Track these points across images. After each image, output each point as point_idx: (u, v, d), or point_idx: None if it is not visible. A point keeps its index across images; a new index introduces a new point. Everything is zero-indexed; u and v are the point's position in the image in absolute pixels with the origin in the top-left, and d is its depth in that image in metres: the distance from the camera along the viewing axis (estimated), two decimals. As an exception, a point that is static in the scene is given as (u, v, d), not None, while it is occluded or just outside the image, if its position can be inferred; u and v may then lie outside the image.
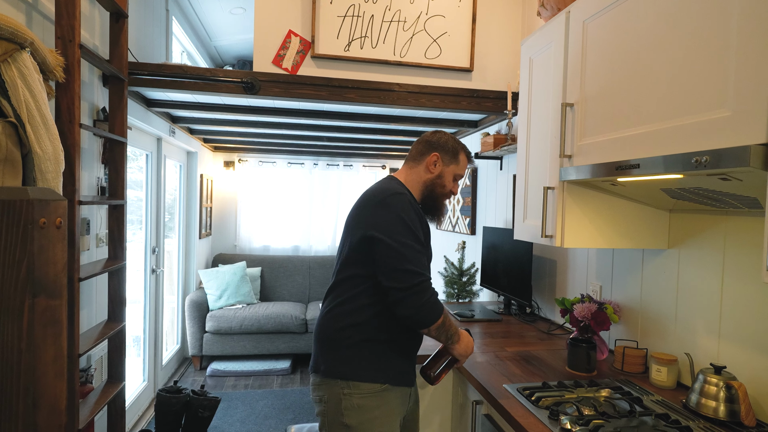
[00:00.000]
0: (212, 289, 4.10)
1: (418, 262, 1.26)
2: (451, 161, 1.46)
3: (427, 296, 1.26)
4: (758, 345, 1.25)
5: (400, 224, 1.27)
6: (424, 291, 1.25)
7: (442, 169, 1.45)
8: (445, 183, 1.46)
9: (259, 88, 2.32)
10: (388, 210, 1.29)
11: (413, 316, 1.25)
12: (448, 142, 1.47)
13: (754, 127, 0.86)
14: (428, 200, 1.46)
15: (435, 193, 1.45)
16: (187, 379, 3.78)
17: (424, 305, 1.25)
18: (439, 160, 1.45)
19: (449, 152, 1.46)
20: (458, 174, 1.49)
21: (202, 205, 4.28)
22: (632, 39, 1.20)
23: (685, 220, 1.50)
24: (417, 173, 1.45)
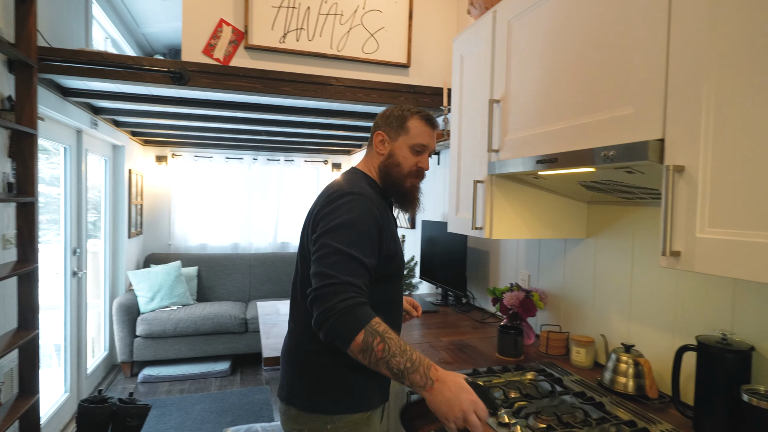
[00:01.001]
0: (143, 291, 3.87)
1: (335, 266, 1.02)
2: (399, 133, 1.23)
3: (335, 301, 0.98)
4: (660, 324, 1.37)
5: (341, 227, 1.07)
6: (332, 295, 0.99)
7: (392, 147, 1.24)
8: (399, 161, 1.23)
9: (188, 78, 2.21)
10: (331, 212, 1.10)
11: (322, 324, 0.99)
12: (392, 114, 1.26)
13: (652, 124, 0.94)
14: (389, 186, 1.26)
15: (392, 176, 1.24)
16: (116, 388, 3.55)
17: (331, 312, 0.97)
18: (385, 137, 1.25)
19: (393, 124, 1.24)
20: (415, 144, 1.23)
21: (131, 203, 4.03)
22: (551, 39, 1.26)
23: (601, 211, 1.61)
24: (371, 159, 1.28)
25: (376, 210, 1.13)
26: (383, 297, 1.19)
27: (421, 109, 1.27)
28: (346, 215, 1.08)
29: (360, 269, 1.04)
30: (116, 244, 3.89)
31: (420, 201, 1.33)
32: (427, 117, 1.25)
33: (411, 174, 1.25)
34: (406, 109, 1.26)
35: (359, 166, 1.31)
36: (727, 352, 1.08)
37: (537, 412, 1.20)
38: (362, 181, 1.22)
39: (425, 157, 1.27)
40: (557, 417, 1.16)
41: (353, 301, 0.99)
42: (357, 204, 1.11)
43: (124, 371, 3.77)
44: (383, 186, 1.26)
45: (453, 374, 1.01)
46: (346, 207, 1.10)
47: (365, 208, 1.11)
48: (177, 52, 4.26)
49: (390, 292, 1.23)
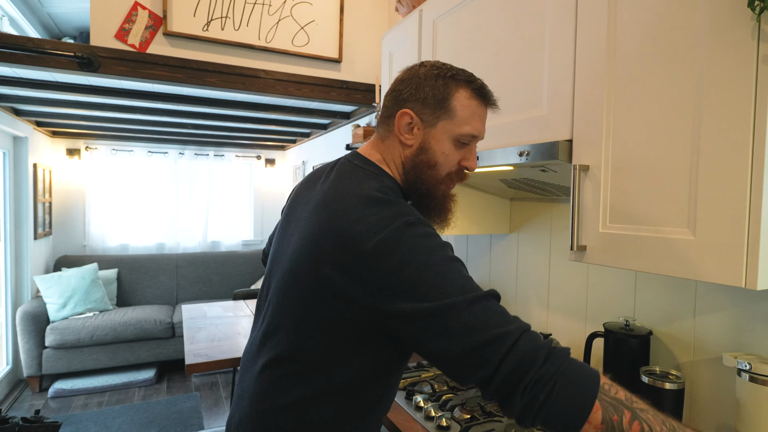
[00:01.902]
0: (53, 298, 3.53)
1: (489, 311, 0.64)
2: (439, 115, 0.80)
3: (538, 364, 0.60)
4: (574, 313, 1.46)
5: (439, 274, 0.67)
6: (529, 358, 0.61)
7: (424, 135, 0.81)
8: (436, 159, 0.82)
9: (98, 65, 2.03)
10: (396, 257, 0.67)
11: (532, 417, 0.60)
12: (426, 83, 0.80)
13: (562, 125, 0.99)
14: (415, 191, 0.85)
15: (423, 179, 0.83)
16: (21, 405, 3.21)
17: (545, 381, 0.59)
18: (416, 120, 0.81)
19: (431, 100, 0.80)
20: (463, 134, 0.81)
21: (37, 200, 3.65)
22: (472, 40, 1.29)
23: (522, 207, 1.68)
24: (392, 147, 0.85)
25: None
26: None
27: (471, 74, 0.83)
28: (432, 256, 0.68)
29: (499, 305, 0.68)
30: (19, 246, 3.51)
31: (453, 212, 0.91)
32: (482, 90, 0.83)
33: (450, 177, 0.85)
34: (448, 71, 0.81)
35: (372, 156, 0.86)
36: (630, 337, 1.18)
37: (462, 403, 1.23)
38: (392, 192, 0.79)
39: (473, 151, 0.85)
40: (481, 407, 1.20)
41: (555, 353, 0.61)
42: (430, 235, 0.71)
43: (32, 386, 3.42)
44: (406, 187, 0.86)
45: None
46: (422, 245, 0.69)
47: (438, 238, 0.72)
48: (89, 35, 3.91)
49: None
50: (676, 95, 0.78)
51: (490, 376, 0.62)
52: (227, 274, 4.56)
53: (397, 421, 1.15)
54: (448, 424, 1.11)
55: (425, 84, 0.81)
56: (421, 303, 0.65)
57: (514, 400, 0.61)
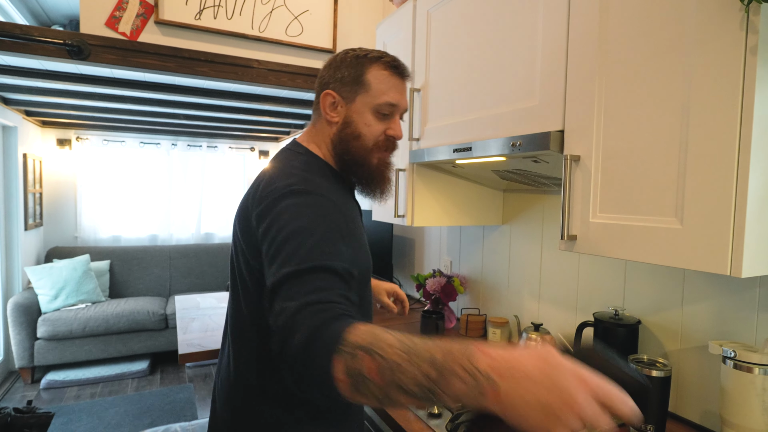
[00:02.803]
0: (45, 289, 3.51)
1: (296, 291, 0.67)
2: (356, 90, 0.88)
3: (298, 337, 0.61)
4: (564, 303, 1.48)
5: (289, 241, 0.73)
6: (292, 328, 0.63)
7: (347, 111, 0.90)
8: (360, 131, 0.90)
9: (88, 53, 2.00)
10: (273, 216, 0.77)
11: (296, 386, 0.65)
12: (343, 64, 0.90)
13: (554, 116, 1.00)
14: (349, 166, 0.92)
15: (351, 152, 0.90)
16: (13, 396, 3.20)
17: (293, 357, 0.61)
18: (337, 97, 0.89)
19: (348, 80, 0.89)
20: (381, 104, 0.89)
21: (27, 191, 3.61)
22: (466, 31, 1.29)
23: (515, 198, 1.69)
24: (321, 130, 0.93)
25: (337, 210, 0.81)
26: None
27: (383, 52, 0.92)
28: (295, 223, 0.74)
29: (329, 278, 0.70)
30: (10, 237, 3.48)
31: (392, 180, 0.99)
32: (393, 63, 0.91)
33: (378, 146, 0.92)
34: (359, 55, 0.90)
35: (302, 140, 0.96)
36: (618, 327, 1.19)
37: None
38: (308, 167, 0.89)
39: (396, 121, 0.93)
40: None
41: (312, 323, 0.62)
42: (308, 205, 0.78)
43: (24, 378, 3.41)
44: (340, 167, 0.93)
45: (528, 351, 0.51)
46: (292, 213, 0.76)
47: (322, 209, 0.78)
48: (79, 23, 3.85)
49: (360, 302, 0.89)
50: (666, 86, 0.78)
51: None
52: (220, 266, 4.55)
53: (397, 417, 1.16)
54: (439, 411, 1.12)
55: (342, 66, 0.90)
56: (270, 266, 0.73)
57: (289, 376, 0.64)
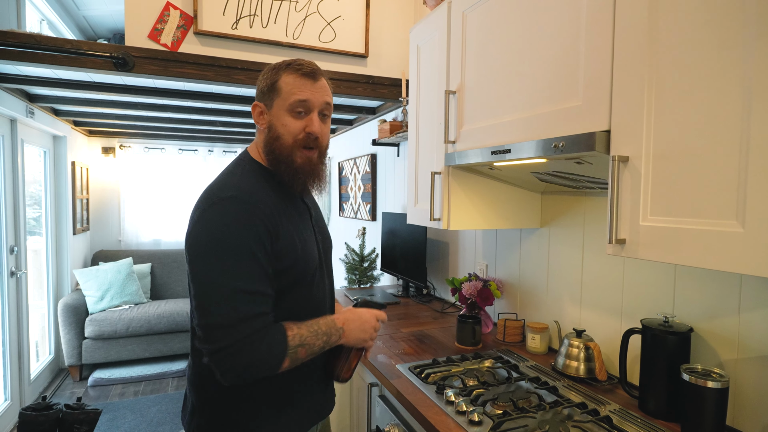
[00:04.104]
0: (92, 291, 3.67)
1: (230, 307, 0.87)
2: (273, 96, 1.01)
3: (243, 360, 0.86)
4: (608, 308, 1.42)
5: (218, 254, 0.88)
6: (239, 352, 0.86)
7: (269, 117, 1.02)
8: (279, 131, 1.00)
9: (132, 64, 2.08)
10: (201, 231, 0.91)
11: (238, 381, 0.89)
12: (263, 76, 1.04)
13: (599, 116, 0.96)
14: (278, 166, 1.02)
15: (276, 152, 1.01)
16: (63, 393, 3.36)
17: (250, 367, 0.88)
18: (263, 107, 1.03)
19: (266, 90, 1.02)
20: (292, 103, 0.99)
21: (75, 197, 3.80)
22: (503, 31, 1.27)
23: (554, 201, 1.65)
24: (258, 139, 1.07)
25: (259, 213, 0.92)
26: (292, 305, 1.01)
27: (294, 60, 1.03)
28: (215, 233, 0.89)
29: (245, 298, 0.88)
30: (60, 241, 3.67)
31: (323, 176, 1.09)
32: (298, 66, 1.00)
33: (298, 144, 1.00)
34: (275, 65, 1.03)
35: (249, 149, 1.09)
36: (669, 334, 1.14)
37: (494, 398, 1.22)
38: (246, 174, 1.00)
39: (313, 118, 1.01)
40: (513, 402, 1.19)
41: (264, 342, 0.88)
42: (227, 214, 0.90)
43: (72, 375, 3.57)
44: (273, 168, 1.03)
45: (346, 311, 1.08)
46: (214, 221, 0.89)
47: (240, 218, 0.90)
48: (123, 37, 4.02)
49: (301, 298, 1.03)
50: (724, 80, 0.74)
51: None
52: (255, 268, 4.64)
53: (428, 415, 1.15)
54: (480, 419, 1.10)
55: (262, 79, 1.04)
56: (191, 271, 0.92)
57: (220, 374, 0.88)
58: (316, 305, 1.08)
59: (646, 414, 1.16)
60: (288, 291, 0.99)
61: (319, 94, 1.02)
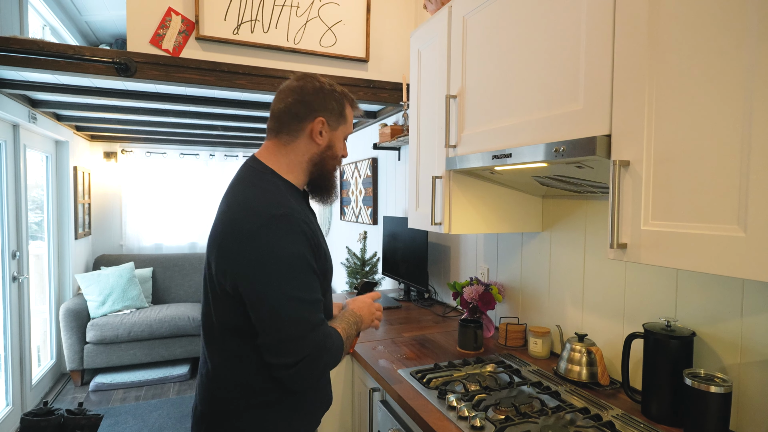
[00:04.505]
0: (93, 295, 3.68)
1: (302, 319, 0.93)
2: (339, 121, 1.09)
3: (321, 364, 0.96)
4: (610, 313, 1.42)
5: (282, 270, 0.92)
6: (313, 361, 0.94)
7: (331, 136, 1.08)
8: (336, 153, 1.11)
9: (135, 70, 2.09)
10: (261, 249, 0.92)
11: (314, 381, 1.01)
12: (329, 97, 1.06)
13: (600, 120, 0.96)
14: (319, 180, 1.11)
15: (326, 168, 1.10)
16: (65, 398, 3.36)
17: (323, 370, 0.98)
18: (326, 125, 1.06)
19: (335, 111, 1.07)
20: (348, 133, 1.14)
21: (77, 202, 3.80)
22: (504, 35, 1.27)
23: (555, 205, 1.65)
24: (295, 150, 1.06)
25: (306, 228, 0.97)
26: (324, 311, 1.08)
27: (345, 91, 1.12)
28: (276, 249, 0.92)
29: (315, 308, 0.97)
30: (62, 245, 3.67)
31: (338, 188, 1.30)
32: (353, 102, 1.14)
33: (340, 163, 1.16)
34: (338, 92, 1.09)
35: (263, 157, 1.06)
36: (671, 339, 1.13)
37: (496, 403, 1.21)
38: (279, 189, 1.01)
39: (345, 144, 1.17)
40: (515, 407, 1.18)
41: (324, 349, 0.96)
42: (283, 231, 0.93)
43: (74, 380, 3.57)
44: (309, 180, 1.11)
45: (354, 301, 1.19)
46: (273, 238, 0.92)
47: (296, 234, 0.94)
48: (124, 42, 4.04)
49: (327, 303, 1.11)
50: (725, 85, 0.74)
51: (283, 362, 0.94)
52: (256, 272, 4.63)
53: (430, 421, 1.14)
54: (482, 425, 1.10)
55: (329, 98, 1.07)
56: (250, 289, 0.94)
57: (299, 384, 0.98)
58: (330, 307, 1.18)
59: (648, 419, 1.16)
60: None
61: None
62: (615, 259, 0.93)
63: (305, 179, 1.10)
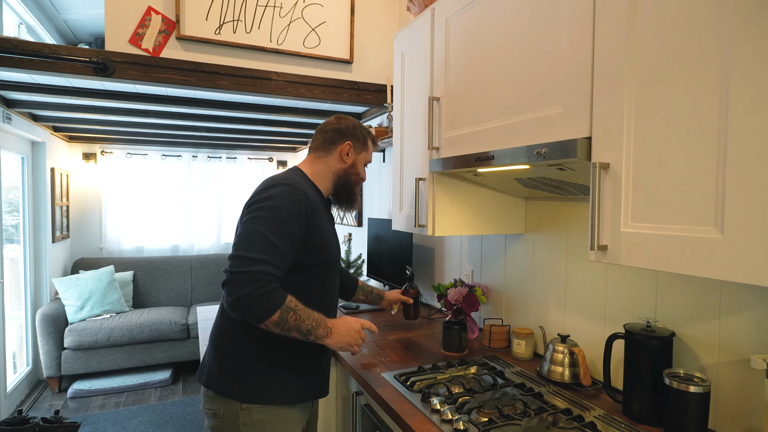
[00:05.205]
0: (71, 300, 3.59)
1: (262, 251, 1.13)
2: (362, 149, 1.45)
3: (254, 287, 1.10)
4: (592, 313, 1.43)
5: (266, 213, 1.18)
6: (252, 280, 1.11)
7: (355, 158, 1.42)
8: (358, 171, 1.44)
9: (113, 69, 2.05)
10: (261, 200, 1.22)
11: (236, 307, 1.11)
12: (358, 130, 1.44)
13: (580, 123, 0.97)
14: (342, 190, 1.42)
15: (349, 182, 1.43)
16: (42, 405, 3.27)
17: (249, 298, 1.10)
18: (352, 149, 1.41)
19: (360, 140, 1.43)
20: (368, 161, 1.49)
21: (55, 204, 3.71)
22: (486, 38, 1.27)
23: (538, 206, 1.66)
24: (326, 163, 1.40)
25: (304, 200, 1.23)
26: (309, 284, 1.31)
27: (370, 131, 1.52)
28: (271, 202, 1.19)
29: (277, 255, 1.16)
30: (38, 249, 3.58)
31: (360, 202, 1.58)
32: (375, 140, 1.52)
33: (360, 182, 1.48)
34: (365, 129, 1.46)
35: (302, 166, 1.40)
36: (651, 339, 1.15)
37: (479, 406, 1.21)
38: (301, 177, 1.33)
39: (365, 170, 1.52)
40: (498, 410, 1.18)
41: (269, 287, 1.13)
42: (285, 193, 1.22)
43: (51, 387, 3.48)
44: (333, 190, 1.43)
45: (338, 318, 1.30)
46: (274, 196, 1.21)
47: (292, 198, 1.22)
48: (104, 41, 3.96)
49: (317, 280, 1.34)
50: (702, 87, 0.75)
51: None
52: (241, 275, 4.58)
53: (413, 425, 1.13)
54: (465, 427, 1.09)
55: (358, 130, 1.44)
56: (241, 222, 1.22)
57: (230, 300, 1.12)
58: (329, 296, 1.39)
59: (630, 419, 1.17)
60: (311, 268, 1.29)
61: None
62: (596, 261, 0.94)
63: (330, 187, 1.42)
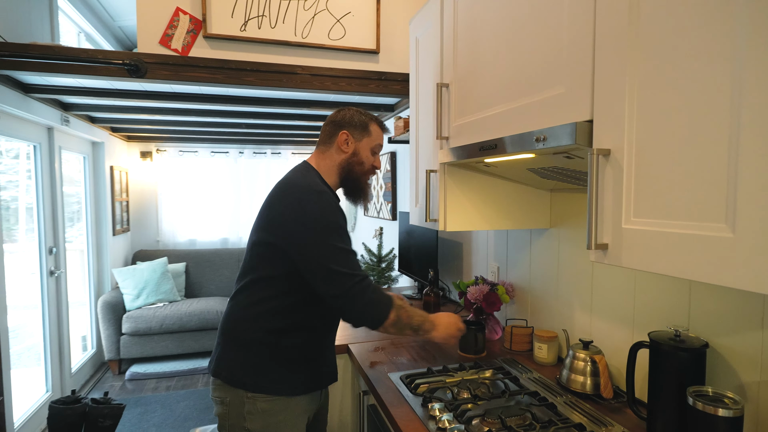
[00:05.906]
0: (129, 289, 3.85)
1: (349, 263, 1.18)
2: (363, 135, 1.37)
3: (366, 298, 1.17)
4: (619, 318, 1.29)
5: (323, 225, 1.18)
6: (361, 292, 1.17)
7: (356, 146, 1.36)
8: (362, 159, 1.37)
9: (145, 70, 2.13)
10: (305, 212, 1.18)
11: (358, 321, 1.20)
12: (354, 117, 1.37)
13: (581, 104, 0.85)
14: (348, 182, 1.38)
15: (354, 172, 1.37)
16: (104, 385, 3.55)
17: (366, 307, 1.18)
18: (350, 137, 1.35)
19: (358, 127, 1.36)
20: (375, 146, 1.39)
21: (114, 200, 3.99)
22: (491, 18, 1.17)
23: (563, 199, 1.52)
24: (330, 156, 1.36)
25: (339, 206, 1.27)
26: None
27: (374, 116, 1.41)
28: (320, 212, 1.19)
29: (355, 258, 1.22)
30: (100, 241, 3.87)
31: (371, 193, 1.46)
32: (382, 124, 1.43)
33: (369, 171, 1.40)
34: (365, 114, 1.39)
35: (311, 162, 1.38)
36: (680, 350, 1.00)
37: (482, 414, 1.13)
38: (319, 179, 1.32)
39: (378, 157, 1.43)
40: (501, 420, 1.09)
41: (380, 294, 1.21)
42: (325, 201, 1.22)
43: (112, 369, 3.76)
44: (340, 183, 1.38)
45: (440, 314, 1.35)
46: (317, 205, 1.20)
47: (334, 206, 1.24)
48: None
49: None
50: (712, 65, 0.62)
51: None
52: (285, 268, 4.70)
53: (406, 430, 1.07)
54: None
55: (355, 117, 1.37)
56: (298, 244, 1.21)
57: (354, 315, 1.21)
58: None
59: (652, 439, 1.03)
60: None
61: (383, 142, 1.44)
62: (596, 262, 0.82)
63: (338, 181, 1.37)
